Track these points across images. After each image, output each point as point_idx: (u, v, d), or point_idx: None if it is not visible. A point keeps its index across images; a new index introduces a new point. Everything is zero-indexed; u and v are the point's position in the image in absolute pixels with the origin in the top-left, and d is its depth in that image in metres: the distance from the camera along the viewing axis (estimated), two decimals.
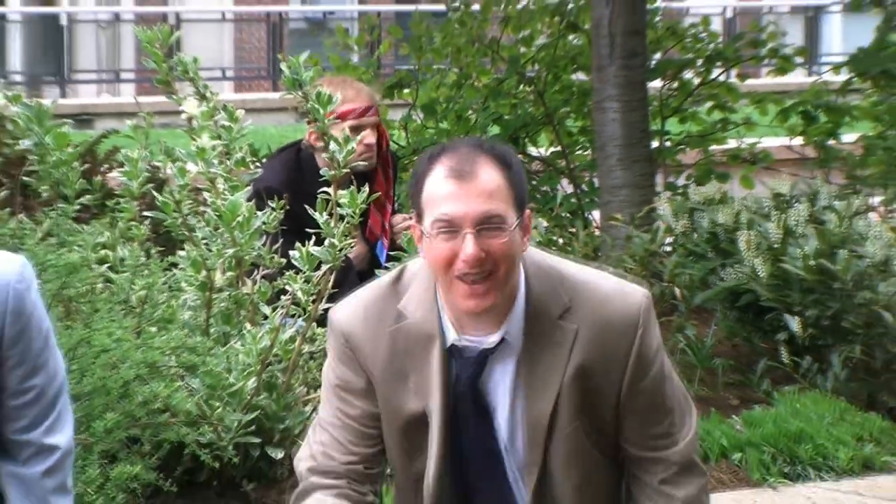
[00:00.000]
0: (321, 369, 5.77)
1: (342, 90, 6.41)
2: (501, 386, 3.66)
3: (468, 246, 3.48)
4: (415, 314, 3.67)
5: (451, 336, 3.64)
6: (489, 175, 3.54)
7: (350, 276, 6.14)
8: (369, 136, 6.40)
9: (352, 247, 5.78)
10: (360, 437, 3.68)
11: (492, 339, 3.63)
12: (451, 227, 3.51)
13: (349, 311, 3.75)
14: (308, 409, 5.64)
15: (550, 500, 3.71)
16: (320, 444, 3.70)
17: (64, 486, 3.69)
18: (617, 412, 3.70)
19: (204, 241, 5.74)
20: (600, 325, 3.66)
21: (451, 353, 3.64)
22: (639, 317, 3.68)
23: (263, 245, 5.73)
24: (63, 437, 3.67)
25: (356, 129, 6.23)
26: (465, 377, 3.64)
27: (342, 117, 6.17)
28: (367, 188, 5.82)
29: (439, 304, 3.65)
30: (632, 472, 3.79)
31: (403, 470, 3.75)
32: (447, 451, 3.65)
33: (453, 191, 3.52)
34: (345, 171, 5.73)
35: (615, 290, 3.73)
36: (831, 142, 9.78)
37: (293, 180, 6.18)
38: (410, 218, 6.79)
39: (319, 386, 5.78)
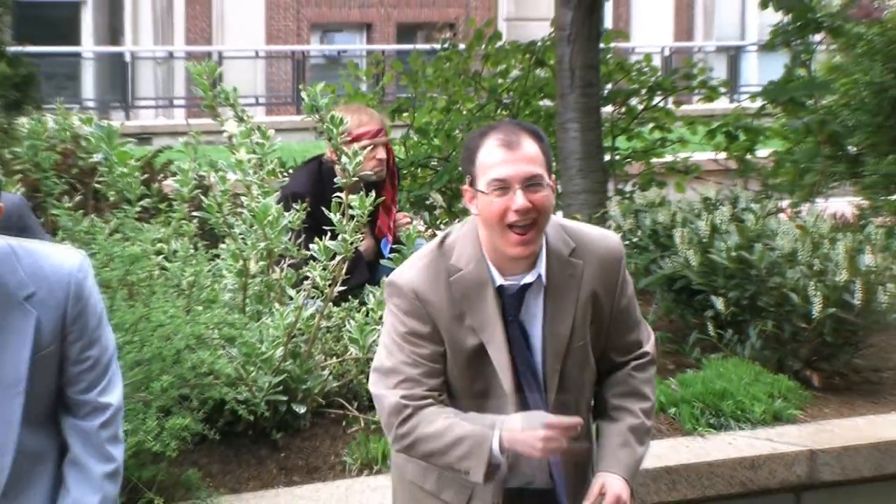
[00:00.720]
0: (337, 341, 5.83)
1: (358, 115, 6.45)
2: (534, 315, 3.76)
3: (518, 198, 3.59)
4: (467, 266, 3.72)
5: (498, 279, 3.71)
6: (530, 145, 3.65)
7: (359, 266, 6.16)
8: (380, 153, 6.44)
9: (361, 241, 5.81)
10: (429, 372, 3.71)
11: (528, 279, 3.72)
12: (503, 185, 3.61)
13: (413, 273, 3.76)
14: (325, 372, 5.65)
15: (563, 407, 3.78)
16: (403, 383, 3.72)
17: (116, 436, 3.67)
18: (608, 328, 3.85)
19: (241, 237, 5.73)
20: (598, 259, 3.79)
21: (499, 294, 3.72)
22: (622, 251, 3.87)
23: (289, 239, 5.74)
24: (114, 396, 3.67)
25: (371, 147, 6.27)
26: (512, 311, 3.73)
27: (360, 137, 6.20)
28: (374, 194, 5.87)
29: (485, 256, 3.72)
30: (606, 370, 3.92)
31: (464, 393, 3.77)
32: (514, 368, 3.73)
33: (504, 157, 3.63)
34: (354, 179, 5.76)
35: (601, 233, 3.93)
36: (749, 156, 9.76)
37: (315, 187, 6.18)
38: (411, 219, 6.84)
39: (335, 354, 5.84)
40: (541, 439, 3.55)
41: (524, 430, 3.57)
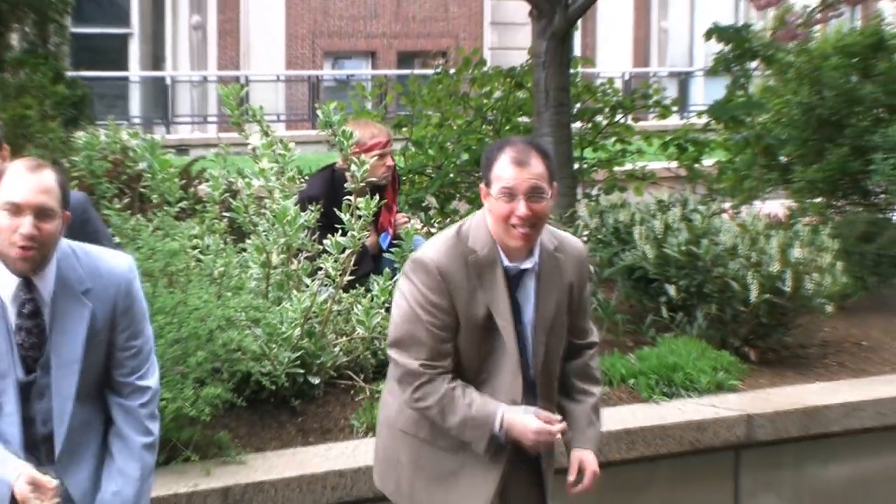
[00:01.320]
0: (346, 322, 5.82)
1: (370, 129, 6.45)
2: (528, 295, 3.85)
3: (521, 207, 3.70)
4: (482, 250, 3.78)
5: (505, 261, 3.80)
6: (537, 163, 3.74)
7: (365, 258, 6.15)
8: (389, 160, 6.44)
9: (367, 237, 5.80)
10: (442, 340, 3.76)
11: (526, 265, 3.82)
12: (511, 193, 3.70)
13: (438, 255, 3.81)
14: (336, 349, 5.63)
15: (545, 377, 3.90)
16: (423, 348, 3.78)
17: (153, 414, 3.70)
18: (574, 310, 3.97)
19: (264, 234, 5.71)
20: (574, 256, 3.94)
21: (505, 273, 3.80)
22: (586, 251, 4.07)
23: (306, 236, 5.72)
24: (153, 381, 3.70)
25: (381, 156, 6.27)
26: (513, 288, 3.83)
27: (372, 148, 6.21)
28: (378, 196, 5.86)
29: (493, 239, 3.80)
30: (568, 356, 4.02)
31: (472, 359, 3.84)
32: (516, 331, 3.81)
33: (514, 173, 3.72)
34: (362, 184, 5.76)
35: (572, 237, 4.10)
36: (696, 165, 9.75)
37: (328, 191, 6.16)
38: (408, 219, 6.82)
39: (345, 334, 5.81)
40: (533, 432, 3.69)
41: (523, 421, 3.71)
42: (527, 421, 3.71)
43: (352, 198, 5.67)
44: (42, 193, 3.45)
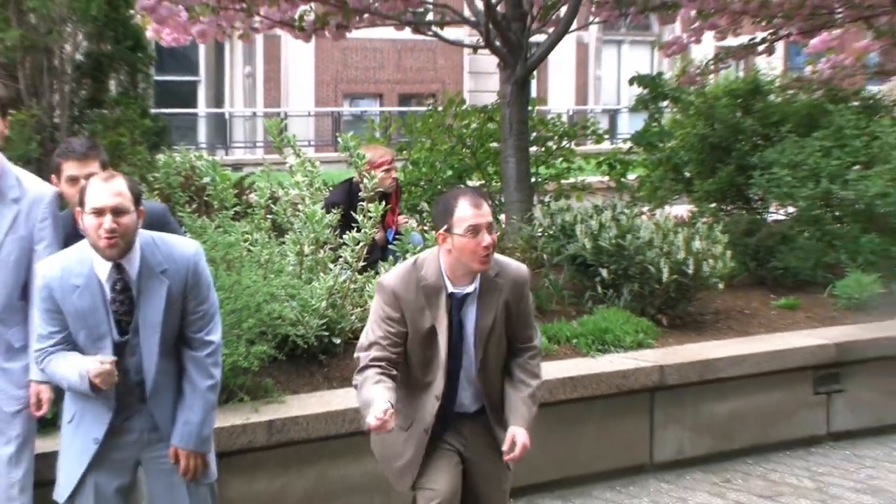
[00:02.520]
0: (360, 296, 5.80)
1: (378, 151, 6.49)
2: (470, 313, 3.74)
3: (485, 238, 3.62)
4: (431, 278, 3.71)
5: (450, 287, 3.71)
6: (485, 205, 3.68)
7: (375, 249, 6.12)
8: (393, 174, 6.44)
9: (376, 233, 5.79)
10: (393, 345, 3.69)
11: (468, 290, 3.73)
12: (476, 229, 3.61)
13: (395, 280, 3.74)
14: (353, 317, 5.60)
15: (485, 373, 3.80)
16: (374, 347, 3.70)
17: (216, 362, 3.68)
18: (513, 322, 3.83)
19: (298, 230, 5.70)
20: (511, 280, 3.80)
21: (449, 297, 3.71)
22: (527, 277, 3.87)
23: (330, 232, 5.72)
24: (216, 336, 3.68)
25: (387, 171, 6.26)
26: (456, 308, 3.73)
27: (381, 164, 6.20)
28: (385, 201, 5.86)
29: (442, 272, 3.71)
30: (511, 355, 3.89)
31: (419, 365, 3.78)
32: (449, 347, 3.72)
33: (474, 212, 3.63)
34: (372, 193, 5.75)
35: (516, 264, 3.89)
36: (623, 179, 9.77)
37: (346, 198, 6.13)
38: (407, 219, 6.79)
39: (359, 305, 5.77)
40: (372, 418, 3.45)
41: (377, 410, 3.45)
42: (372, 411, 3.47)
43: (365, 203, 5.66)
44: (115, 196, 3.47)
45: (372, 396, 3.54)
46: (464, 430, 3.85)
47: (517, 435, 3.72)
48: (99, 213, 3.44)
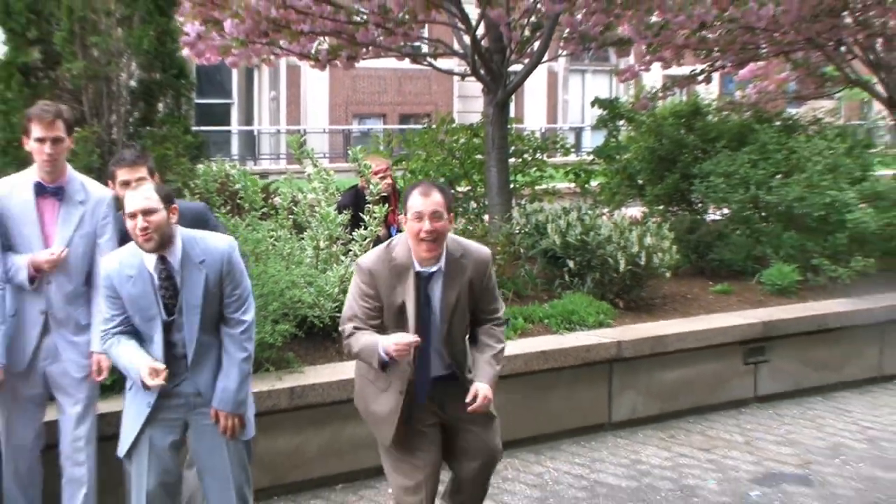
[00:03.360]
0: None
1: (377, 160, 6.48)
2: (436, 289, 3.62)
3: (426, 224, 3.52)
4: (400, 259, 3.60)
5: (418, 267, 3.59)
6: (437, 195, 3.55)
7: (379, 245, 6.13)
8: (389, 179, 6.40)
9: (380, 231, 5.78)
10: (370, 318, 3.60)
11: (434, 269, 3.60)
12: (419, 216, 3.53)
13: (370, 261, 3.63)
14: None
15: (451, 341, 3.68)
16: (354, 318, 3.61)
17: (250, 337, 3.66)
18: (478, 297, 3.69)
19: (315, 228, 5.70)
20: (474, 261, 3.66)
21: (417, 275, 3.60)
22: (489, 258, 3.72)
23: (342, 230, 5.72)
24: (249, 316, 3.66)
25: (383, 177, 6.21)
26: (424, 285, 3.61)
27: (378, 172, 6.14)
28: (387, 204, 5.85)
29: (411, 253, 3.60)
30: (477, 324, 3.76)
31: (391, 328, 3.62)
32: (418, 319, 3.60)
33: (421, 201, 3.54)
34: (376, 197, 5.73)
35: (479, 247, 3.73)
36: (587, 186, 9.76)
37: (354, 201, 6.14)
38: (405, 219, 6.76)
39: None
40: (393, 344, 3.46)
41: (386, 342, 3.48)
42: (387, 342, 3.48)
43: (371, 206, 5.65)
44: (144, 200, 3.50)
45: (374, 339, 3.50)
46: (440, 394, 3.70)
47: (479, 389, 3.57)
48: (133, 216, 3.49)
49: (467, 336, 3.79)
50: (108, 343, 3.59)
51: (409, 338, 3.49)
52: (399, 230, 6.27)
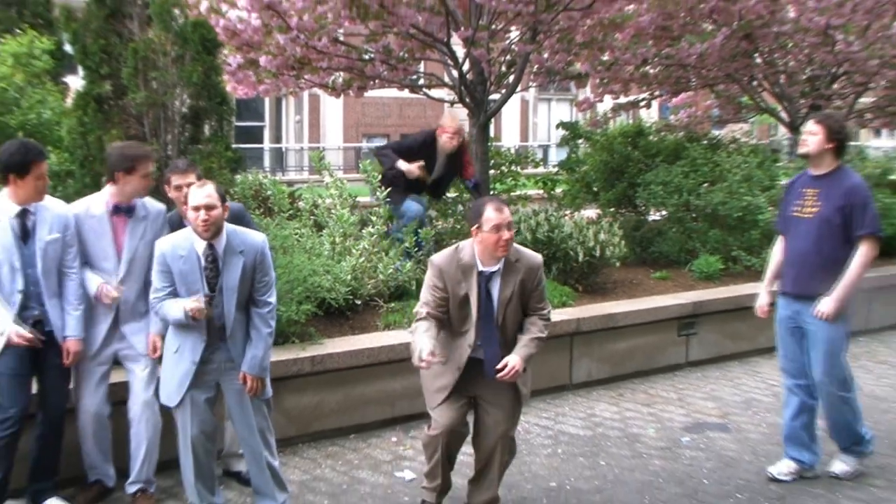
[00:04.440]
0: (374, 272, 5.70)
1: (448, 119, 6.43)
2: (495, 285, 3.56)
3: (505, 234, 3.46)
4: (466, 259, 3.55)
5: (480, 266, 3.56)
6: (506, 210, 3.51)
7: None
8: (456, 140, 6.31)
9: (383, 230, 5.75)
10: (438, 306, 3.57)
11: (494, 269, 3.55)
12: (498, 228, 3.46)
13: (441, 259, 3.58)
14: (369, 286, 5.54)
15: (504, 329, 3.60)
16: (426, 305, 3.57)
17: (273, 316, 3.64)
18: (529, 297, 3.62)
19: (332, 227, 5.68)
20: (527, 265, 3.58)
21: (479, 273, 3.56)
22: (540, 264, 3.63)
23: (355, 228, 5.68)
24: (273, 298, 3.64)
25: (451, 137, 6.24)
26: (484, 282, 3.55)
27: (447, 131, 6.15)
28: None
29: (475, 254, 3.56)
30: (528, 317, 3.66)
31: (457, 320, 3.58)
32: (479, 309, 3.56)
33: (497, 216, 3.47)
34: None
35: (533, 254, 3.65)
36: (552, 192, 9.72)
37: (427, 146, 6.10)
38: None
39: (373, 278, 5.69)
40: (418, 363, 3.33)
41: (423, 353, 3.34)
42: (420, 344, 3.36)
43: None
44: (207, 197, 3.49)
45: (421, 344, 3.43)
46: (480, 373, 3.59)
47: (510, 360, 3.47)
48: (196, 209, 3.47)
49: (518, 330, 3.66)
50: (157, 307, 3.59)
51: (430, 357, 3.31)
52: (477, 184, 6.23)
